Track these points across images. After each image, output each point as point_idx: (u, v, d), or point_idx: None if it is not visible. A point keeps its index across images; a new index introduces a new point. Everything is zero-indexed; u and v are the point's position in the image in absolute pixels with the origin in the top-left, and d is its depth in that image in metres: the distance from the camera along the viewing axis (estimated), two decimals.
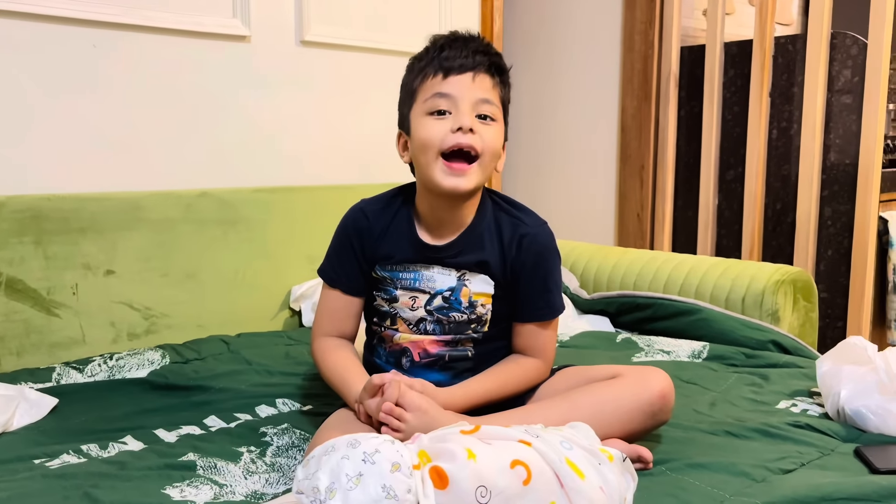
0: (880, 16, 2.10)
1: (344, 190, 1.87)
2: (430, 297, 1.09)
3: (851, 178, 2.24)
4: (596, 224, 2.83)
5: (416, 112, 1.06)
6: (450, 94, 1.03)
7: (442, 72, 1.03)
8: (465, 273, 1.10)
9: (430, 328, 1.10)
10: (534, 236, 1.10)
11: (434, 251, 1.10)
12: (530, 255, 1.09)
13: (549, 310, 1.12)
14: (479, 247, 1.10)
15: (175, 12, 1.62)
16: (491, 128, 1.05)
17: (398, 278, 1.11)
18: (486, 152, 1.04)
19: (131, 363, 1.40)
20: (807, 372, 1.35)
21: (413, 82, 1.07)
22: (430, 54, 1.05)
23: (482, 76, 1.04)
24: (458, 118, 1.02)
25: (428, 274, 1.10)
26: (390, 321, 1.12)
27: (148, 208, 1.56)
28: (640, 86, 2.67)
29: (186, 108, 1.66)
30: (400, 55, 1.99)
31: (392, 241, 1.11)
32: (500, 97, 1.07)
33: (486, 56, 1.05)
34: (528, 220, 1.12)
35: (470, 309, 1.10)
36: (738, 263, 1.65)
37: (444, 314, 1.10)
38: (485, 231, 1.10)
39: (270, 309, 1.73)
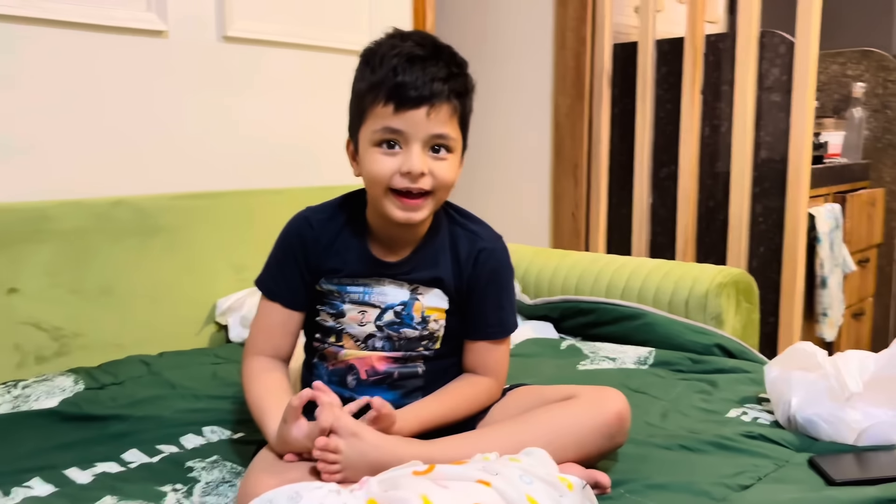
0: (807, 15, 2.12)
1: (272, 194, 1.77)
2: (381, 311, 1.02)
3: (781, 176, 2.27)
4: (530, 223, 2.80)
5: (364, 136, 0.97)
6: (401, 131, 0.94)
7: (394, 102, 0.93)
8: (419, 287, 1.03)
9: (379, 345, 1.03)
10: (490, 251, 1.05)
11: (385, 267, 1.03)
12: (485, 270, 1.04)
13: (501, 328, 1.07)
14: (434, 263, 1.04)
15: (83, 5, 1.49)
16: (444, 162, 0.97)
17: (346, 292, 1.03)
18: (438, 188, 0.97)
19: (39, 391, 1.27)
20: (753, 377, 1.34)
21: (364, 99, 0.96)
22: (384, 72, 0.93)
23: (439, 107, 0.94)
24: (409, 161, 0.94)
25: (379, 288, 1.03)
26: (335, 337, 1.04)
27: (56, 219, 1.43)
28: (573, 83, 2.64)
29: (98, 109, 1.53)
30: (330, 51, 1.90)
31: (340, 253, 1.03)
32: (459, 120, 0.98)
33: (445, 84, 0.94)
34: (484, 235, 1.06)
35: (422, 325, 1.03)
36: (679, 265, 1.63)
37: (394, 330, 1.03)
38: (439, 247, 1.04)
39: (195, 324, 1.62)
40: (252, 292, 1.66)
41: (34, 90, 1.45)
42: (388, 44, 0.97)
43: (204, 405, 1.26)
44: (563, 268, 1.77)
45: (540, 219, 2.79)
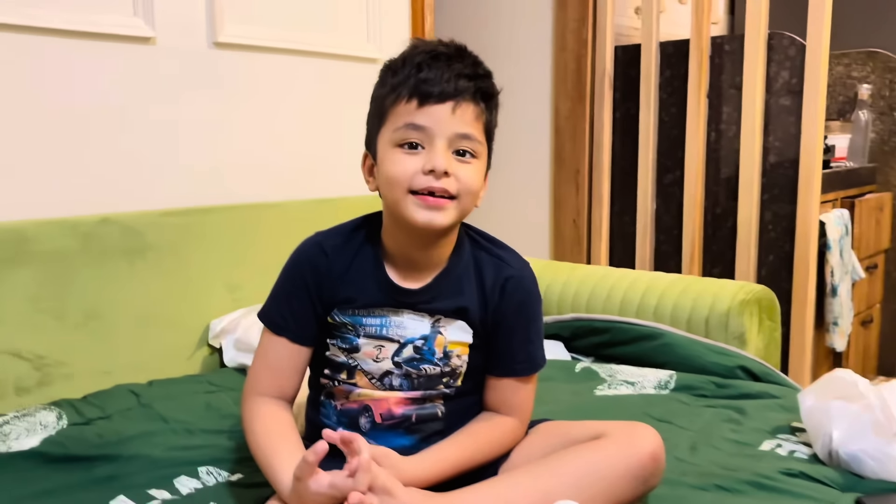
0: (819, 16, 2.05)
1: (267, 208, 1.68)
2: (400, 346, 0.94)
3: (791, 181, 2.20)
4: (530, 231, 2.72)
5: (384, 138, 0.90)
6: (424, 127, 0.87)
7: (417, 97, 0.87)
8: (440, 319, 0.95)
9: (396, 383, 0.94)
10: (518, 280, 0.96)
11: (405, 295, 0.94)
12: (514, 300, 0.96)
13: (530, 364, 0.98)
14: (458, 291, 0.95)
15: (64, 10, 1.39)
16: (469, 166, 0.89)
17: (361, 324, 0.94)
18: (462, 194, 0.89)
19: (20, 429, 1.18)
20: (783, 403, 1.26)
21: (385, 100, 0.90)
22: (407, 70, 0.88)
23: (465, 106, 0.88)
24: (432, 158, 0.86)
25: (397, 320, 0.94)
26: (347, 374, 0.95)
27: (36, 240, 1.33)
28: (573, 86, 2.56)
29: (80, 121, 1.43)
30: (326, 57, 1.81)
31: (356, 281, 0.94)
32: (484, 126, 0.91)
33: (471, 81, 0.88)
34: (511, 261, 0.98)
35: (444, 360, 0.95)
36: (697, 281, 1.55)
37: (414, 367, 0.94)
38: (463, 273, 0.96)
39: (186, 348, 1.52)
40: (247, 312, 1.57)
41: (12, 102, 1.35)
42: (410, 47, 0.92)
43: (198, 441, 1.17)
44: (572, 282, 1.69)
45: (540, 226, 2.71)
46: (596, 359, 1.55)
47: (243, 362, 1.49)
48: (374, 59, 1.89)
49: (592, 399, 1.33)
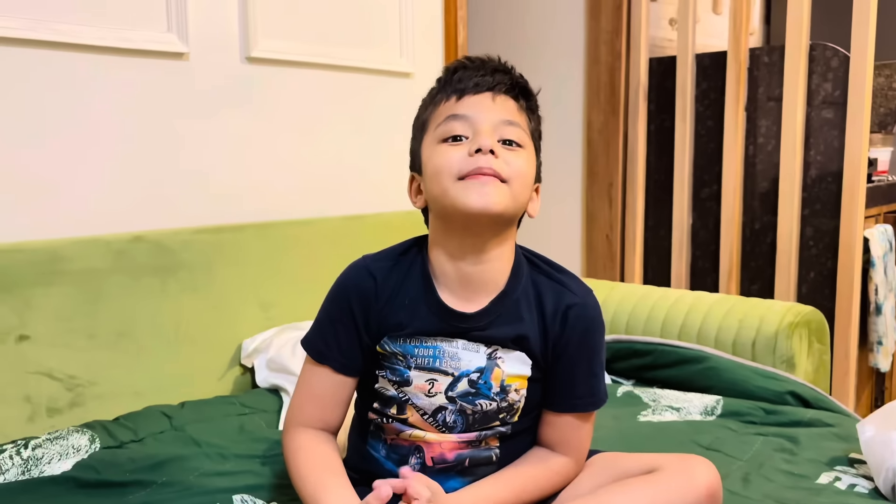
0: (863, 26, 1.99)
1: (299, 225, 1.66)
2: (454, 380, 0.88)
3: (834, 196, 2.14)
4: (562, 246, 2.67)
5: (427, 142, 0.88)
6: (466, 115, 0.84)
7: (456, 94, 0.86)
8: (497, 349, 0.89)
9: (450, 419, 0.89)
10: (581, 307, 0.90)
11: (460, 319, 0.88)
12: (577, 330, 0.89)
13: (593, 398, 0.92)
14: (517, 317, 0.89)
15: (96, 26, 1.38)
16: (518, 154, 0.85)
17: (412, 354, 0.88)
18: (514, 179, 0.84)
19: (52, 452, 1.15)
20: (838, 431, 1.21)
21: (425, 111, 0.90)
22: (446, 76, 0.88)
23: (504, 97, 0.86)
24: (477, 139, 0.83)
25: (451, 350, 0.88)
26: (397, 408, 0.90)
27: (69, 259, 1.31)
28: (606, 99, 2.52)
29: (113, 138, 1.42)
30: (359, 72, 1.78)
31: (406, 306, 0.89)
32: (528, 124, 0.88)
33: (507, 75, 0.87)
34: (573, 287, 0.92)
35: (501, 395, 0.89)
36: (743, 301, 1.50)
37: (469, 402, 0.88)
38: (521, 297, 0.89)
39: (218, 368, 1.50)
40: (279, 332, 1.54)
41: (44, 120, 1.34)
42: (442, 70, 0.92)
43: (232, 466, 1.14)
44: (611, 302, 1.64)
45: (572, 241, 2.67)
46: (637, 382, 1.50)
47: (275, 382, 1.46)
48: (408, 74, 1.86)
49: (636, 425, 1.28)
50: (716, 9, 2.82)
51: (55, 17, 1.33)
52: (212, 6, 1.53)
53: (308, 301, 1.62)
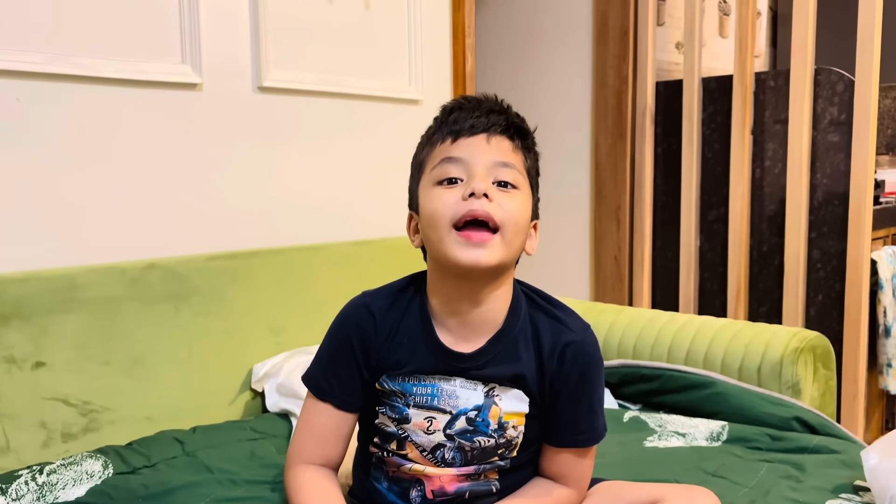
0: (868, 51, 2.01)
1: (311, 250, 1.68)
2: (452, 418, 0.89)
3: (840, 219, 2.15)
4: (571, 267, 2.69)
5: (424, 183, 0.89)
6: (460, 158, 0.85)
7: (451, 135, 0.86)
8: (495, 387, 0.90)
9: (448, 456, 0.90)
10: (580, 344, 0.91)
11: (457, 359, 0.89)
12: (576, 368, 0.90)
13: (592, 434, 0.93)
14: (514, 356, 0.90)
15: (113, 59, 1.41)
16: (512, 196, 0.85)
17: (411, 393, 0.90)
18: (507, 224, 0.84)
19: (66, 478, 1.18)
20: (843, 458, 1.21)
21: (422, 152, 0.91)
22: (440, 119, 0.90)
23: (499, 138, 0.87)
24: (471, 183, 0.84)
25: (448, 388, 0.89)
26: (397, 444, 0.91)
27: (85, 286, 1.34)
28: (614, 122, 2.55)
29: (129, 166, 1.45)
30: (369, 100, 1.82)
31: (404, 344, 0.90)
32: (523, 163, 0.88)
33: (502, 115, 0.88)
34: (570, 324, 0.92)
35: (499, 432, 0.90)
36: (749, 326, 1.51)
37: (467, 439, 0.89)
38: (519, 335, 0.91)
39: (229, 392, 1.52)
40: (289, 356, 1.56)
41: (62, 149, 1.37)
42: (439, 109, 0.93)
43: (242, 492, 1.16)
44: (618, 326, 1.66)
45: (580, 262, 2.68)
46: (644, 407, 1.51)
47: (285, 407, 1.48)
48: (416, 101, 1.89)
49: (642, 451, 1.29)
50: (722, 32, 2.85)
51: (75, 52, 1.37)
52: (224, 38, 1.57)
53: (317, 325, 1.64)
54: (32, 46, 1.32)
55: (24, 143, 1.33)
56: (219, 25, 1.55)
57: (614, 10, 2.49)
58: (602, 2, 2.52)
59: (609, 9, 2.50)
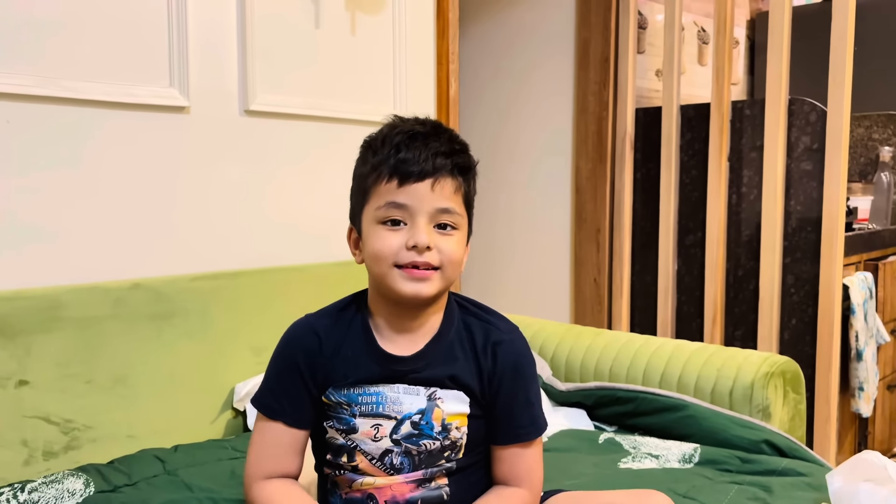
0: (840, 84, 2.07)
1: (295, 271, 1.71)
2: (397, 423, 0.94)
3: (813, 245, 2.20)
4: (551, 289, 2.73)
5: (368, 216, 0.94)
6: (405, 205, 0.90)
7: (397, 177, 0.90)
8: (436, 391, 0.95)
9: (397, 462, 0.94)
10: (510, 342, 0.98)
11: (398, 363, 0.95)
12: (508, 364, 0.96)
13: (533, 427, 0.98)
14: (451, 357, 0.96)
15: (102, 82, 1.44)
16: (451, 238, 0.92)
17: (356, 402, 0.94)
18: (445, 264, 0.92)
19: (48, 496, 1.19)
20: (810, 481, 1.25)
21: (367, 179, 0.94)
22: (386, 150, 0.91)
23: (443, 182, 0.91)
24: (414, 234, 0.89)
25: (392, 395, 0.94)
26: (347, 456, 0.95)
27: (69, 306, 1.36)
28: (594, 147, 2.60)
29: (115, 188, 1.48)
30: (354, 123, 1.85)
31: (348, 358, 0.95)
32: (463, 198, 0.94)
33: (448, 158, 0.91)
34: (500, 325, 0.99)
35: (443, 434, 0.95)
36: (721, 350, 1.55)
37: (413, 443, 0.94)
38: (454, 339, 0.97)
39: (210, 412, 1.54)
40: None
41: (49, 171, 1.39)
42: (388, 126, 0.96)
43: None
44: (595, 348, 1.69)
45: (560, 284, 2.72)
46: (619, 428, 1.54)
47: None
48: None
49: (616, 472, 1.32)
50: (701, 60, 2.92)
51: (65, 75, 1.39)
52: (212, 62, 1.60)
53: None
54: (22, 69, 1.35)
55: (12, 164, 1.35)
56: (207, 49, 1.59)
57: (595, 38, 2.55)
58: (583, 29, 2.58)
59: (590, 36, 2.56)
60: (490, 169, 2.87)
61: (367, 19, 1.88)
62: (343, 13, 1.83)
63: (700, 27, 2.89)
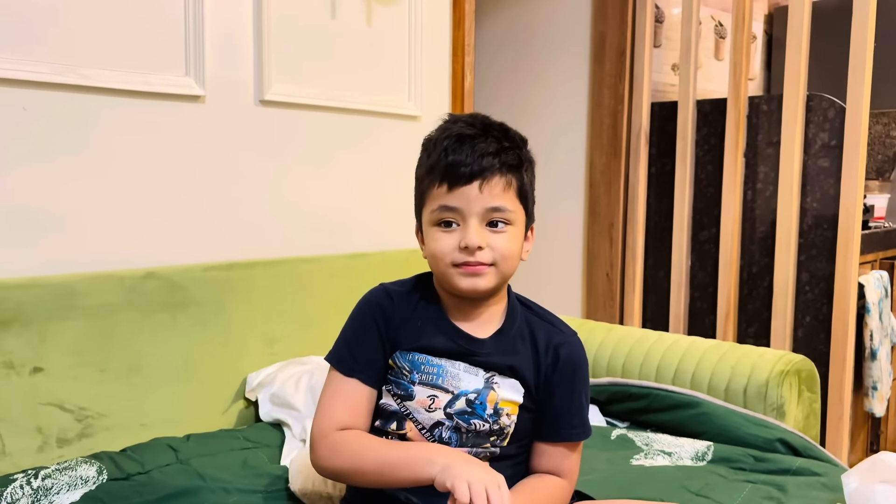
0: (859, 80, 2.05)
1: (309, 262, 1.71)
2: (453, 397, 0.97)
3: (829, 242, 2.18)
4: (564, 282, 2.72)
5: (425, 217, 0.98)
6: (456, 208, 0.93)
7: (447, 182, 0.93)
8: (494, 375, 0.98)
9: (445, 435, 0.97)
10: (571, 345, 1.01)
11: (467, 341, 0.98)
12: (568, 366, 0.99)
13: (583, 429, 1.01)
14: (513, 350, 0.99)
15: (119, 70, 1.44)
16: (503, 235, 0.95)
17: (418, 369, 0.98)
18: (499, 260, 0.95)
19: (61, 483, 1.19)
20: (825, 481, 1.24)
21: (422, 182, 0.98)
22: (437, 154, 0.94)
23: (492, 182, 0.93)
24: (466, 235, 0.93)
25: (452, 370, 0.97)
26: (397, 424, 0.98)
27: (84, 294, 1.36)
28: (609, 141, 2.58)
29: (130, 177, 1.48)
30: (368, 114, 1.85)
31: (419, 326, 0.99)
32: (516, 192, 0.96)
33: (495, 157, 0.93)
34: (562, 327, 1.03)
35: (494, 417, 0.97)
36: (736, 348, 1.54)
37: (464, 420, 0.97)
38: (517, 334, 1.01)
39: (223, 401, 1.54)
40: (283, 366, 1.58)
41: (66, 159, 1.39)
42: (440, 128, 0.99)
43: (234, 500, 1.18)
44: (608, 344, 1.68)
45: (573, 278, 2.71)
46: (632, 425, 1.54)
47: (278, 417, 1.50)
48: (416, 117, 1.92)
49: (628, 469, 1.32)
50: (717, 55, 2.89)
51: (82, 63, 1.39)
52: (228, 52, 1.59)
53: (312, 336, 1.67)
54: (40, 57, 1.35)
55: (29, 151, 1.35)
56: (223, 39, 1.58)
57: (612, 31, 2.53)
58: (600, 22, 2.56)
59: (607, 30, 2.54)
60: None
61: (382, 10, 1.87)
62: (359, 4, 1.82)
63: (717, 21, 2.86)
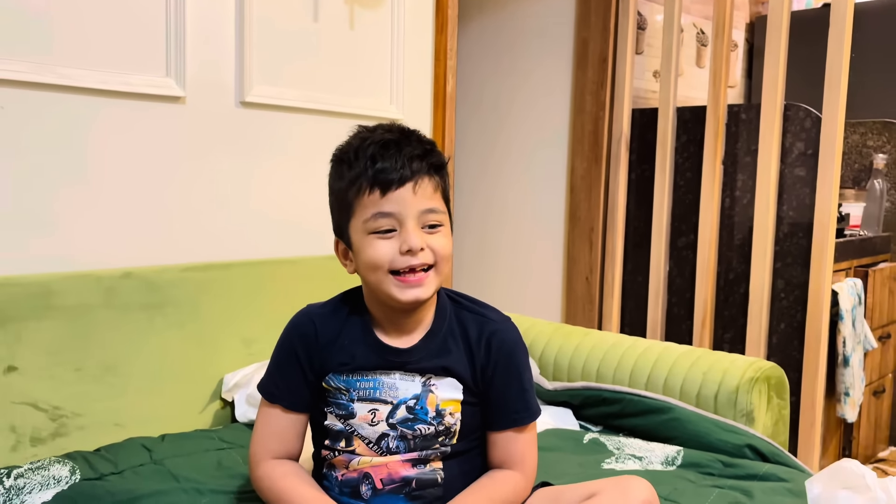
0: (835, 91, 2.08)
1: (287, 264, 1.71)
2: (393, 407, 0.98)
3: (804, 250, 2.22)
4: (544, 286, 2.74)
5: (356, 228, 0.96)
6: (392, 213, 0.94)
7: (379, 188, 0.93)
8: (431, 378, 0.99)
9: (393, 445, 0.98)
10: (503, 332, 1.02)
11: (395, 354, 1.00)
12: (502, 353, 1.01)
13: (527, 412, 1.02)
14: (444, 351, 1.00)
15: (98, 70, 1.44)
16: (440, 234, 0.97)
17: (355, 387, 0.99)
18: (439, 261, 0.96)
19: (33, 482, 1.19)
20: (791, 487, 1.26)
21: (347, 194, 0.96)
22: (362, 163, 0.94)
23: (423, 184, 0.94)
24: (407, 239, 0.93)
25: (388, 381, 0.99)
26: (345, 442, 1.00)
27: (60, 293, 1.36)
28: (590, 147, 2.60)
29: (109, 176, 1.48)
30: (350, 117, 1.85)
31: (346, 346, 1.00)
32: (442, 194, 0.98)
33: (423, 160, 0.95)
34: (493, 316, 1.04)
35: (437, 419, 0.99)
36: (708, 354, 1.56)
37: (408, 427, 0.98)
38: (448, 334, 1.02)
39: (199, 402, 1.54)
40: (260, 367, 1.59)
41: (43, 158, 1.40)
42: (357, 138, 0.98)
43: (207, 502, 1.18)
44: (583, 348, 1.70)
45: (553, 282, 2.73)
46: (605, 429, 1.56)
47: (254, 418, 1.50)
48: (397, 121, 1.93)
49: (599, 472, 1.33)
50: (699, 62, 2.92)
51: (61, 62, 1.39)
52: (209, 53, 1.60)
53: None
54: (19, 56, 1.35)
55: (6, 151, 1.35)
56: (204, 40, 1.59)
57: (594, 38, 2.55)
58: (582, 29, 2.58)
59: (589, 36, 2.56)
60: (486, 166, 2.88)
61: (365, 14, 1.88)
62: (342, 7, 1.83)
63: (699, 29, 2.89)
